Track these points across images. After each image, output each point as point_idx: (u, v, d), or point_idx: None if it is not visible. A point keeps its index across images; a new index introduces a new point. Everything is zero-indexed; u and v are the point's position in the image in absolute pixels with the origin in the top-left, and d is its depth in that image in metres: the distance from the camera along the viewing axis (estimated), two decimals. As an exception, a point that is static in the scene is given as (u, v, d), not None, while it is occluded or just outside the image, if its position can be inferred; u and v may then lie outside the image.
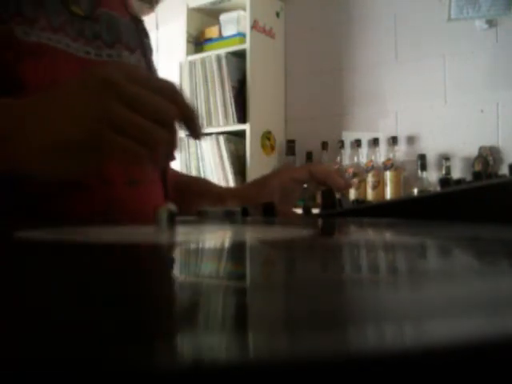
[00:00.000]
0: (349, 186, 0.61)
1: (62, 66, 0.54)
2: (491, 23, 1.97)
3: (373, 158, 2.13)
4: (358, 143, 2.17)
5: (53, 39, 0.53)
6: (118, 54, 0.60)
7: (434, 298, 0.11)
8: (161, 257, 0.19)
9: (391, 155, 2.10)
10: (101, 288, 0.12)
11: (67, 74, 0.53)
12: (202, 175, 2.30)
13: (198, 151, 2.30)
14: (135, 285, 0.13)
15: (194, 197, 0.70)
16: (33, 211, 0.49)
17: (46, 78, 0.51)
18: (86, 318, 0.09)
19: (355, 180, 1.95)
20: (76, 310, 0.10)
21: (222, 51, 2.29)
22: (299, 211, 0.57)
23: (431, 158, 2.06)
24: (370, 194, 2.08)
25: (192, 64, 2.35)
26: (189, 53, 2.41)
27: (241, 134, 2.27)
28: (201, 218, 0.41)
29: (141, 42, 0.66)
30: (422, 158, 2.03)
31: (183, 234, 0.25)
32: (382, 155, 2.14)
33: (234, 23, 2.34)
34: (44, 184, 0.46)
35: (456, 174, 1.99)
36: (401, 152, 2.13)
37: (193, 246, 0.22)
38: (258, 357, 0.07)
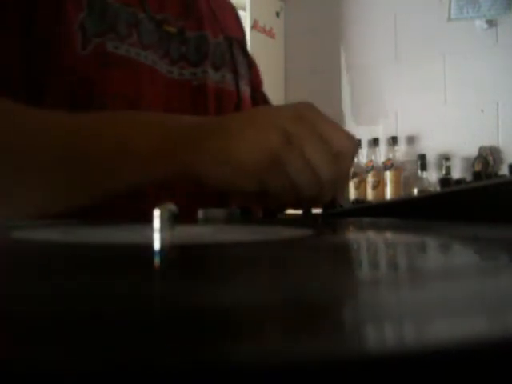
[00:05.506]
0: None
1: (146, 80, 0.56)
2: (491, 23, 1.98)
3: (373, 157, 2.13)
4: (358, 143, 2.18)
5: (141, 54, 0.56)
6: (203, 71, 0.62)
7: (435, 297, 0.11)
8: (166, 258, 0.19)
9: (391, 155, 2.10)
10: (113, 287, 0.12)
11: (150, 87, 0.56)
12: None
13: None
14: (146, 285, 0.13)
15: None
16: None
17: (128, 88, 0.54)
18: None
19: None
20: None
21: (222, 51, 2.29)
22: (298, 211, 0.56)
23: (431, 158, 2.06)
24: (370, 194, 2.09)
25: (192, 64, 2.35)
26: (189, 53, 2.41)
27: (241, 134, 2.27)
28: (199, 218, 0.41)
29: (231, 59, 0.67)
30: (422, 158, 2.03)
31: (188, 234, 0.25)
32: (382, 155, 2.14)
33: (234, 23, 2.34)
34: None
35: (456, 174, 1.99)
36: (401, 152, 2.13)
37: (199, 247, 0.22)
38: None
